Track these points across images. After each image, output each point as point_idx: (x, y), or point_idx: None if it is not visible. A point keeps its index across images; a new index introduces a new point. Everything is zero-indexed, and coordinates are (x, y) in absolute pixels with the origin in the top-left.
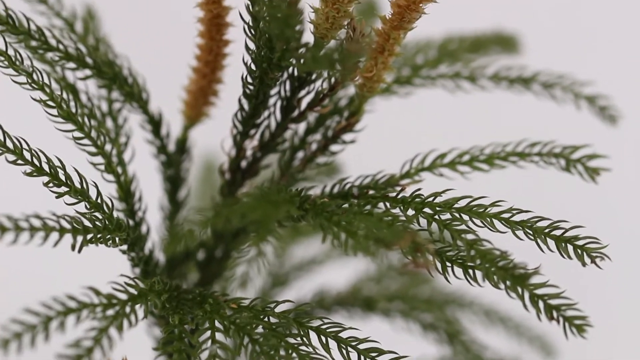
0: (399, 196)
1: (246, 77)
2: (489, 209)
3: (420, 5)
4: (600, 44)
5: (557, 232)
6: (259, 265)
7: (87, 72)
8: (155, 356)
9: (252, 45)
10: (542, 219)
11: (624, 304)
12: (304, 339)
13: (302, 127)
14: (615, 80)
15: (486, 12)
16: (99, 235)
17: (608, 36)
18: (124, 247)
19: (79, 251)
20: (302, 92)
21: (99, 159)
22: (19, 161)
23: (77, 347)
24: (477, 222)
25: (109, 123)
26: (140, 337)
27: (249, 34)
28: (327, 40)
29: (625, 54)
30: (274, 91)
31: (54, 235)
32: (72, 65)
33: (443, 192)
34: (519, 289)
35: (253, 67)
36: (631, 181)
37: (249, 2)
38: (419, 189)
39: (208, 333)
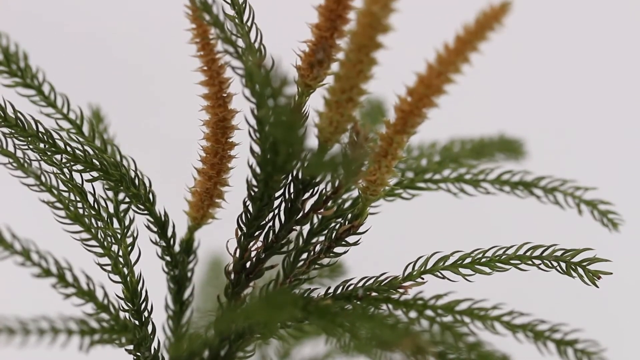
0: (402, 298)
1: (251, 179)
2: (489, 312)
3: (423, 110)
4: (604, 149)
5: (557, 336)
6: None
7: (95, 173)
8: None
9: (257, 149)
10: (542, 322)
11: None
12: None
13: (306, 228)
14: (619, 186)
15: (490, 117)
16: (105, 336)
17: (612, 141)
18: (130, 346)
19: (86, 352)
20: (306, 195)
21: (105, 260)
22: (27, 263)
23: None
24: (479, 324)
25: (115, 224)
26: None
27: (254, 137)
28: (330, 143)
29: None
30: (278, 193)
31: (62, 336)
32: (79, 167)
33: (445, 294)
34: None
35: (258, 170)
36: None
37: (254, 106)
38: (421, 291)
39: None
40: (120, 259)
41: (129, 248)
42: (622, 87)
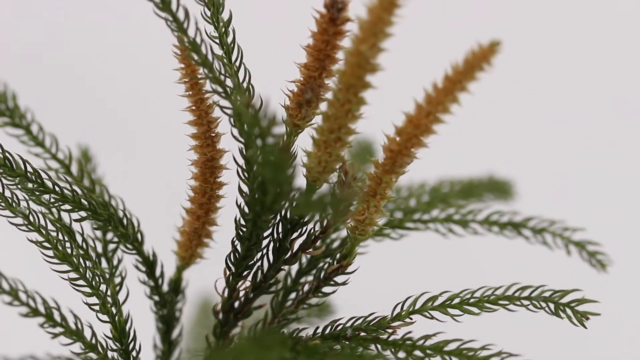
0: (390, 338)
1: (239, 219)
2: (478, 352)
3: (412, 150)
4: (595, 188)
5: None
6: None
7: (83, 213)
8: None
9: (245, 188)
10: None
11: None
12: None
13: (294, 268)
14: (608, 227)
15: (480, 157)
16: None
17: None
18: None
19: None
20: (295, 234)
21: (94, 300)
22: (15, 302)
23: None
24: None
25: (104, 263)
26: None
27: (243, 177)
28: (319, 183)
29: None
30: (266, 233)
31: None
32: (68, 207)
33: (434, 334)
34: None
35: (246, 209)
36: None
37: (242, 146)
38: (410, 332)
39: None
40: (109, 299)
41: (117, 287)
42: (611, 125)
